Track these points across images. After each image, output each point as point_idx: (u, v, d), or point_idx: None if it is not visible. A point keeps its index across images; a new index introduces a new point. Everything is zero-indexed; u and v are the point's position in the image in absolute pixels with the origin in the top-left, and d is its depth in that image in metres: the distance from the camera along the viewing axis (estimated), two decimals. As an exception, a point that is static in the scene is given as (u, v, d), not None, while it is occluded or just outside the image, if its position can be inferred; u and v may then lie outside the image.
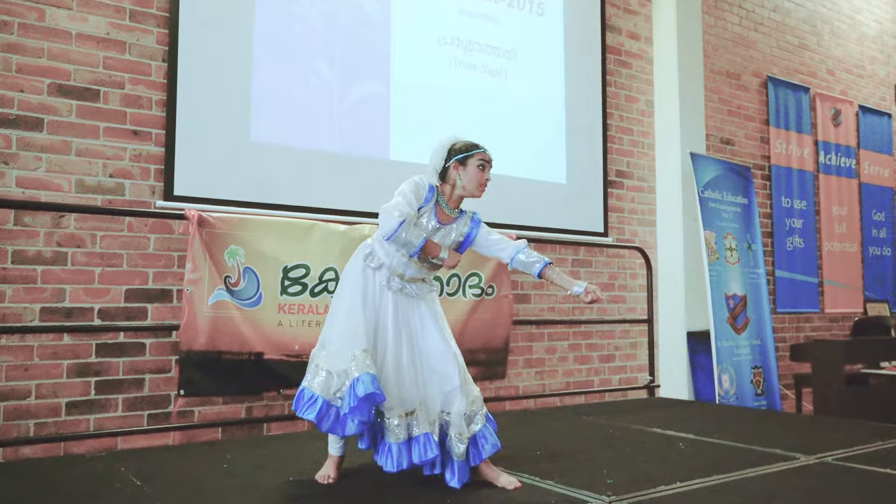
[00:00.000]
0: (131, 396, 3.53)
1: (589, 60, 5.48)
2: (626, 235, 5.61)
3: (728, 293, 5.43)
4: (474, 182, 2.61)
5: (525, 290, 4.98)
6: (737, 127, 6.46)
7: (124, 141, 3.62)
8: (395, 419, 2.43)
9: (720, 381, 5.13)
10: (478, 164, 2.61)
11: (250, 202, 3.87)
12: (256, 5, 4.00)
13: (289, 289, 3.66)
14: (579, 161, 5.32)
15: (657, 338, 5.58)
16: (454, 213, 2.64)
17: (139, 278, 3.60)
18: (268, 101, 4.00)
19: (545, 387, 5.03)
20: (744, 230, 5.74)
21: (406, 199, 2.50)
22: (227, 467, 2.81)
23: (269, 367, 3.60)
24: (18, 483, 2.58)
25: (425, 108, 4.61)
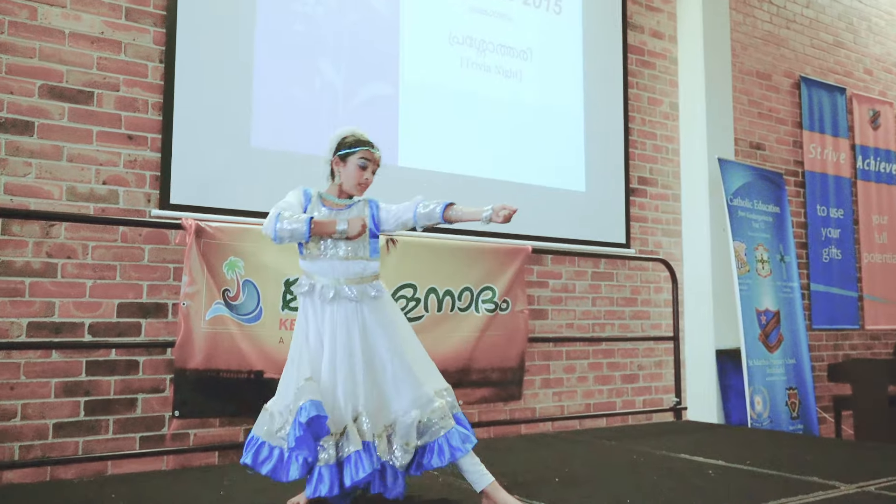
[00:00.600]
0: (123, 418, 3.53)
1: (609, 60, 5.48)
2: (649, 247, 5.58)
3: (760, 308, 5.39)
4: (352, 181, 2.64)
5: (542, 306, 4.96)
6: (768, 131, 6.43)
7: (118, 146, 3.64)
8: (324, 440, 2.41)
9: (752, 404, 5.08)
10: (358, 164, 2.64)
11: (251, 211, 3.87)
12: (258, 3, 4.03)
13: (291, 303, 3.66)
14: (599, 167, 5.31)
15: (684, 356, 5.54)
16: (345, 201, 2.66)
17: (133, 291, 3.61)
18: (269, 104, 4.02)
19: (564, 409, 5.00)
20: (776, 241, 5.71)
21: (282, 202, 2.57)
22: (224, 494, 2.81)
23: (270, 386, 3.55)
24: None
25: (435, 112, 4.62)
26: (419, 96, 4.57)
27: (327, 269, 2.57)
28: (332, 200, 2.65)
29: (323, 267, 2.57)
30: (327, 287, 2.55)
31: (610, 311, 5.33)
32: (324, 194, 2.67)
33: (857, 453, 3.81)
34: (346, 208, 2.64)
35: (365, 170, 2.64)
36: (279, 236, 2.49)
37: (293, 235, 2.48)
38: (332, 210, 2.62)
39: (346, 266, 2.57)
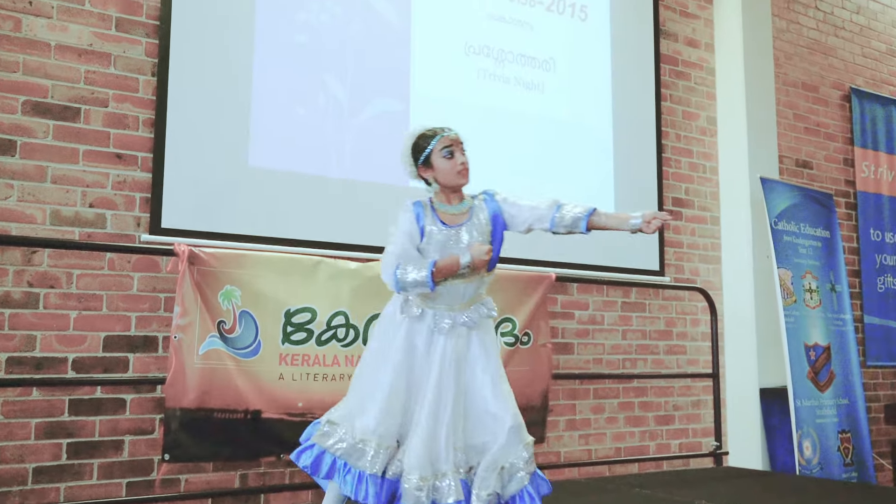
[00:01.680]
0: (109, 461, 3.54)
1: (640, 71, 5.51)
2: (685, 274, 5.57)
3: (808, 343, 5.35)
4: (450, 175, 2.61)
5: (567, 339, 4.95)
6: (815, 147, 6.42)
7: (106, 166, 3.69)
8: (416, 480, 2.41)
9: (800, 448, 5.03)
10: (442, 154, 2.61)
11: (249, 235, 3.90)
12: (257, 12, 4.09)
13: (292, 336, 3.67)
14: (629, 187, 5.32)
15: (724, 396, 5.50)
16: (459, 207, 2.64)
17: (120, 324, 3.64)
18: (269, 120, 4.07)
19: (591, 453, 4.97)
20: (826, 268, 5.68)
21: (395, 240, 2.56)
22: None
23: (269, 427, 3.59)
24: (-22, 561, 2.58)
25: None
26: (432, 111, 4.58)
27: (446, 296, 2.55)
28: (446, 212, 2.62)
29: (440, 292, 2.55)
30: (442, 315, 2.54)
31: (642, 345, 5.30)
32: (436, 203, 2.64)
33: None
34: (466, 220, 2.61)
35: (453, 157, 2.61)
36: (402, 288, 2.50)
37: (420, 286, 2.47)
38: (451, 228, 2.59)
39: (465, 288, 2.57)
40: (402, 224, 2.59)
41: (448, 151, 2.61)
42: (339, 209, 4.21)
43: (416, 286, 2.47)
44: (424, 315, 2.56)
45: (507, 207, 2.65)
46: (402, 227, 2.58)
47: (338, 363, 3.77)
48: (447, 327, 2.53)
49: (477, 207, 2.66)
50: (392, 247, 2.55)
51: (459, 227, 2.60)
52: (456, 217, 2.62)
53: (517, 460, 2.52)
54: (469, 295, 2.58)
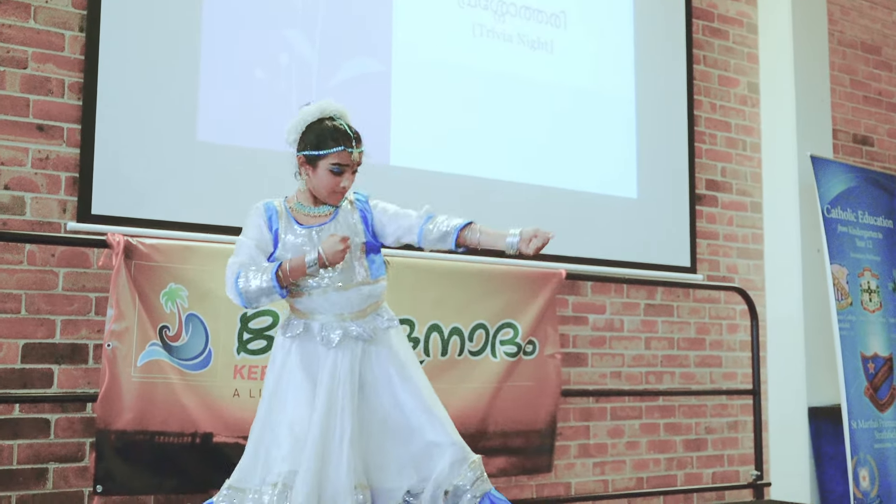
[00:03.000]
0: (30, 493, 3.53)
1: (668, 28, 5.51)
2: (721, 271, 5.58)
3: (866, 353, 5.36)
4: (324, 190, 2.66)
5: (579, 348, 4.96)
6: (877, 120, 6.44)
7: (25, 139, 3.67)
8: None
9: (856, 478, 5.05)
10: (330, 167, 2.63)
11: (198, 224, 3.89)
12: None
13: (249, 345, 3.67)
14: (655, 167, 5.33)
15: (767, 416, 5.52)
16: (322, 209, 2.69)
17: (43, 329, 3.63)
18: (222, 86, 4.05)
19: (608, 484, 4.99)
20: (889, 264, 5.69)
21: (239, 248, 2.61)
22: None
23: (222, 453, 3.59)
24: None
25: (439, 95, 4.64)
26: (417, 75, 4.58)
27: (324, 305, 2.59)
28: (307, 213, 2.67)
29: (319, 302, 2.59)
30: (329, 326, 2.57)
31: (669, 355, 5.32)
32: (294, 203, 2.69)
33: None
34: (329, 220, 2.66)
35: (341, 175, 2.64)
36: (248, 300, 2.52)
37: (266, 294, 2.50)
38: (308, 228, 2.63)
39: (345, 298, 2.60)
40: (250, 230, 2.64)
41: (339, 168, 2.64)
42: (307, 192, 4.20)
43: (262, 294, 2.51)
44: (310, 329, 2.59)
45: (378, 214, 2.72)
46: (249, 234, 2.64)
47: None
48: (337, 338, 2.56)
49: (344, 210, 2.71)
50: (234, 257, 2.60)
51: (320, 227, 2.65)
52: (316, 218, 2.68)
53: (462, 482, 2.55)
54: (355, 305, 2.62)
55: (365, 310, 2.63)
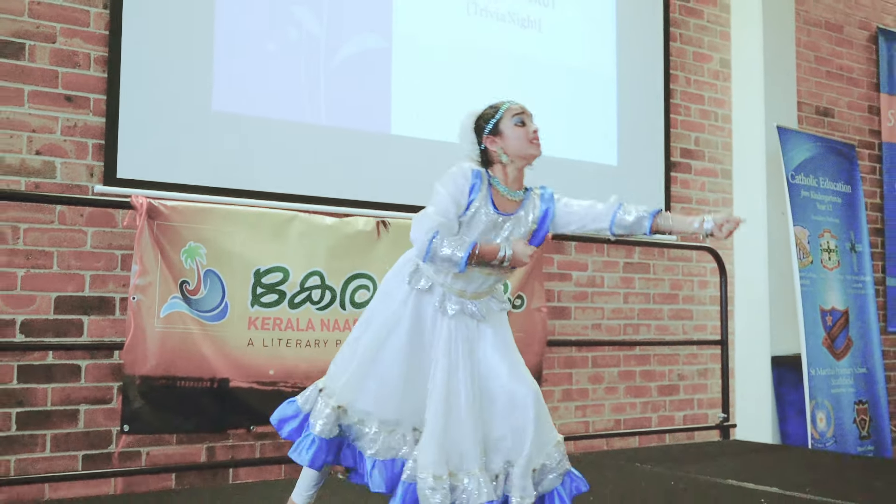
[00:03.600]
0: (63, 433, 3.55)
1: (647, 7, 5.47)
2: (693, 232, 5.58)
3: (825, 307, 5.39)
4: (521, 142, 2.54)
5: (563, 302, 4.98)
6: (838, 94, 6.41)
7: (55, 109, 3.65)
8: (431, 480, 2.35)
9: (813, 420, 5.09)
10: (514, 122, 2.55)
11: (214, 187, 3.88)
12: (223, -63, 4.02)
13: (262, 298, 3.68)
14: (634, 137, 5.31)
15: (733, 364, 5.55)
16: (517, 194, 2.58)
17: (73, 283, 3.63)
18: (235, 60, 4.02)
19: (588, 425, 5.03)
20: (846, 226, 5.70)
21: (440, 201, 2.46)
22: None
23: (237, 397, 3.61)
24: (-81, 541, 2.60)
25: (436, 69, 4.61)
26: (416, 51, 4.55)
27: (460, 280, 2.50)
28: (504, 195, 2.54)
29: (464, 280, 2.50)
30: (450, 296, 2.49)
31: (645, 309, 5.34)
32: (493, 181, 2.55)
33: (938, 481, 3.83)
34: (516, 211, 2.56)
35: (525, 125, 2.55)
36: (431, 259, 2.41)
37: (450, 264, 2.40)
38: (503, 216, 2.52)
39: (484, 280, 2.52)
40: (453, 188, 2.48)
41: (519, 119, 2.56)
42: (314, 159, 4.18)
43: (445, 262, 2.39)
44: (433, 290, 2.51)
45: (562, 208, 2.61)
46: (451, 191, 2.47)
47: (312, 328, 3.77)
48: (453, 312, 2.49)
49: (531, 202, 2.60)
50: (434, 209, 2.45)
51: (508, 217, 2.54)
52: (509, 204, 2.56)
53: (549, 461, 2.51)
54: (486, 286, 2.54)
55: (486, 292, 2.55)
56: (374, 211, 4.18)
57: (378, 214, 4.07)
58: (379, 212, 4.17)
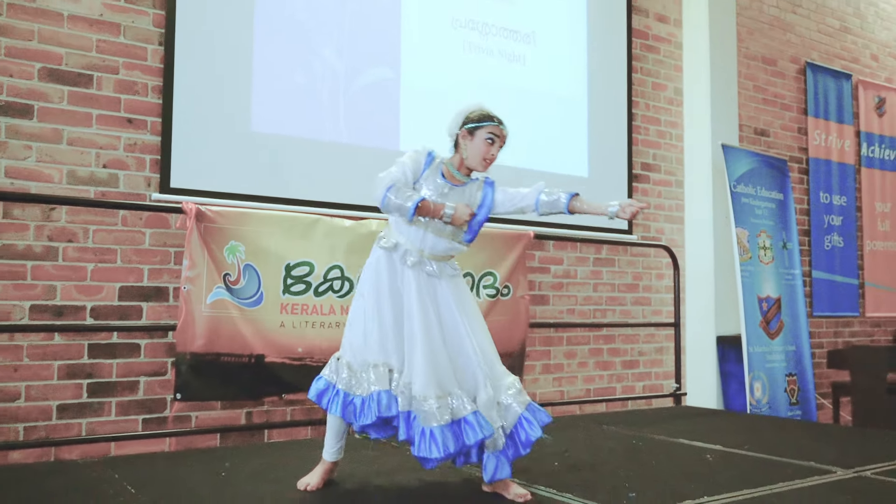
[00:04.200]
0: (125, 400, 3.57)
1: (613, 44, 5.47)
2: (651, 233, 5.60)
3: (761, 295, 5.41)
4: (478, 155, 2.61)
5: (543, 291, 4.99)
6: (772, 117, 6.43)
7: (118, 129, 3.66)
8: (434, 401, 2.40)
9: (751, 390, 5.11)
10: (486, 137, 2.60)
11: (251, 195, 3.89)
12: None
13: (291, 287, 3.69)
14: (602, 153, 5.31)
15: (684, 343, 5.57)
16: (463, 177, 2.64)
17: (134, 275, 3.64)
18: (269, 88, 4.03)
19: (563, 394, 5.04)
20: (779, 228, 5.72)
21: (399, 166, 2.54)
22: (224, 476, 2.84)
23: (271, 370, 3.63)
24: (7, 490, 2.61)
25: (437, 96, 4.60)
26: (421, 80, 4.56)
27: (417, 239, 2.55)
28: (452, 173, 2.62)
29: (414, 234, 2.55)
30: (410, 252, 2.54)
31: (611, 297, 5.35)
32: (446, 162, 2.63)
33: (854, 439, 3.84)
34: (462, 185, 2.62)
35: (492, 145, 2.60)
36: (386, 206, 2.47)
37: (399, 210, 2.46)
38: (448, 183, 2.59)
39: (437, 241, 2.56)
40: (412, 157, 2.58)
41: (492, 137, 2.61)
42: (335, 171, 4.19)
43: (397, 209, 2.46)
44: (397, 247, 2.56)
45: (499, 194, 2.67)
46: (410, 158, 2.57)
47: (333, 312, 3.79)
48: (412, 262, 2.53)
49: (475, 184, 2.66)
50: (394, 168, 2.53)
51: (453, 188, 2.60)
52: (457, 181, 2.63)
53: (506, 397, 2.52)
54: (438, 250, 2.58)
55: (441, 257, 2.58)
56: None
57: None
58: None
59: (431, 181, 2.58)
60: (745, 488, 2.69)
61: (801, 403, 5.50)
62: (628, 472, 2.94)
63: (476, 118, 2.63)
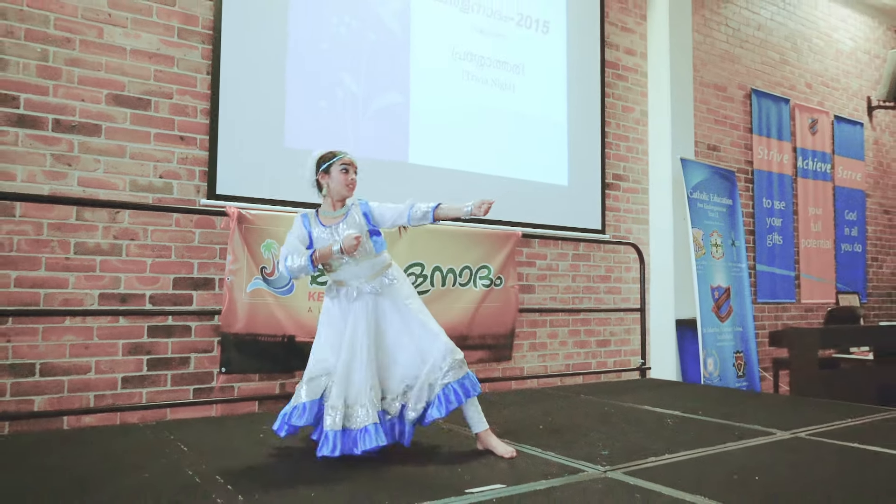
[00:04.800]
0: (178, 373, 3.57)
1: (589, 74, 5.45)
2: (621, 233, 5.59)
3: (713, 285, 5.40)
4: (340, 185, 2.59)
5: (530, 282, 4.98)
6: (723, 134, 6.41)
7: (172, 145, 3.65)
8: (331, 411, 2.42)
9: (705, 364, 5.11)
10: (340, 169, 2.59)
11: (284, 201, 3.88)
12: (289, 24, 4.01)
13: (317, 279, 3.68)
14: (580, 165, 5.30)
15: (649, 325, 5.56)
16: (338, 211, 2.61)
17: (185, 268, 3.64)
18: (299, 110, 4.02)
19: (547, 368, 5.03)
20: (728, 228, 5.71)
21: (287, 242, 2.55)
22: (262, 437, 2.84)
23: (300, 348, 3.62)
24: (82, 448, 2.62)
25: (441, 117, 4.61)
26: (427, 104, 4.55)
27: (349, 275, 2.56)
28: (328, 215, 2.60)
29: (345, 273, 2.56)
30: (351, 289, 2.54)
31: (587, 286, 5.35)
32: (320, 212, 2.61)
33: (791, 406, 3.84)
34: (342, 220, 2.58)
35: (347, 173, 2.59)
36: (292, 273, 2.50)
37: (303, 271, 2.48)
38: (329, 227, 2.57)
39: (360, 269, 2.55)
40: (293, 230, 2.58)
41: (345, 167, 2.59)
42: (355, 180, 4.18)
43: (301, 270, 2.47)
44: (339, 292, 2.56)
45: (375, 210, 2.64)
46: (293, 232, 2.57)
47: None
48: (354, 296, 2.53)
49: (352, 209, 2.62)
50: (284, 247, 2.54)
51: (337, 225, 2.57)
52: (334, 219, 2.59)
53: (438, 373, 2.50)
54: (366, 273, 2.56)
55: (375, 274, 2.56)
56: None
57: (400, 220, 4.08)
58: (400, 218, 4.18)
59: (317, 231, 2.57)
60: (700, 447, 2.68)
61: (747, 376, 5.50)
62: (601, 434, 2.94)
63: (326, 158, 2.60)
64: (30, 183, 3.29)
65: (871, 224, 7.84)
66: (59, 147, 3.37)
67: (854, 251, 7.50)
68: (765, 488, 2.15)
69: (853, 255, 7.48)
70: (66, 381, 3.30)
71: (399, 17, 4.47)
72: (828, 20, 7.59)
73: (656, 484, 2.18)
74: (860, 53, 7.92)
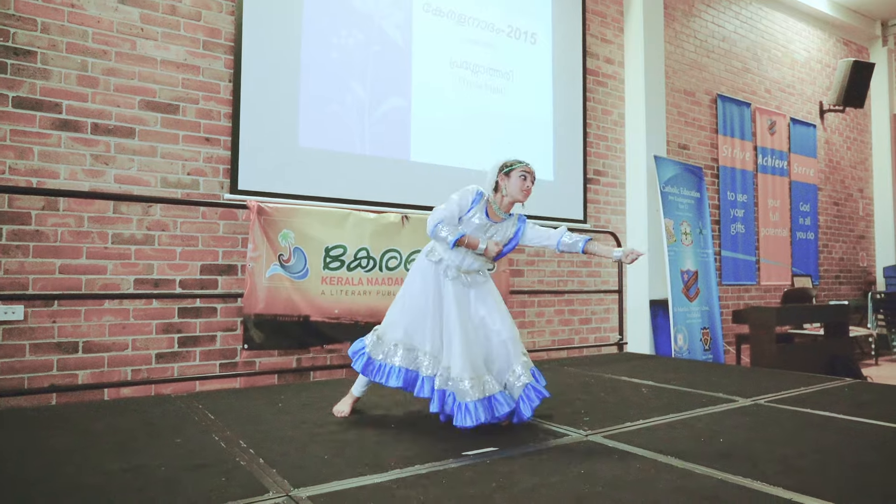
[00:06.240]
0: (206, 349, 3.57)
1: (572, 80, 5.41)
2: (601, 222, 5.57)
3: (683, 269, 5.39)
4: (516, 189, 2.47)
5: (519, 266, 4.96)
6: (692, 135, 6.37)
7: (199, 146, 3.62)
8: (468, 382, 2.31)
9: (675, 340, 5.11)
10: (520, 175, 2.47)
11: (299, 195, 3.86)
12: (303, 37, 3.97)
13: (330, 265, 3.67)
14: (564, 162, 5.27)
15: (626, 305, 5.56)
16: (503, 214, 2.52)
17: (211, 256, 3.62)
18: (312, 114, 3.98)
19: (535, 343, 5.03)
20: (696, 218, 5.69)
21: (448, 205, 2.43)
22: (281, 406, 2.84)
23: (315, 327, 3.62)
24: (121, 416, 2.61)
25: (439, 119, 4.57)
26: (427, 107, 4.51)
27: (458, 259, 2.46)
28: (495, 211, 2.49)
29: (455, 255, 2.46)
30: (451, 268, 2.46)
31: (571, 270, 5.33)
32: (492, 201, 2.50)
33: (751, 376, 3.84)
34: (502, 221, 2.50)
35: (525, 180, 2.47)
36: (433, 235, 2.40)
37: (443, 243, 2.39)
38: (490, 221, 2.47)
39: (472, 261, 2.47)
40: (461, 198, 2.45)
41: (524, 175, 2.48)
42: (362, 176, 4.16)
43: (441, 241, 2.39)
44: (441, 262, 2.48)
45: (528, 230, 2.57)
46: (459, 200, 2.44)
47: (362, 283, 3.77)
48: (452, 276, 2.46)
49: (511, 221, 2.55)
50: (445, 206, 2.43)
51: (494, 224, 2.49)
52: (497, 217, 2.50)
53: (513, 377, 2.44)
54: (474, 267, 2.50)
55: (474, 272, 2.50)
56: (400, 209, 4.16)
57: (402, 212, 4.06)
58: (403, 210, 4.15)
59: (478, 216, 2.46)
60: (671, 413, 2.68)
61: (712, 350, 5.50)
62: (584, 402, 2.93)
63: (510, 163, 2.50)
64: (72, 180, 3.27)
65: (822, 214, 7.83)
66: (98, 148, 3.34)
67: (807, 239, 7.49)
68: (728, 448, 2.14)
69: (806, 242, 7.48)
70: (106, 357, 3.30)
71: (401, 30, 4.42)
72: (785, 33, 7.53)
73: (632, 446, 2.18)
74: (813, 63, 7.87)
